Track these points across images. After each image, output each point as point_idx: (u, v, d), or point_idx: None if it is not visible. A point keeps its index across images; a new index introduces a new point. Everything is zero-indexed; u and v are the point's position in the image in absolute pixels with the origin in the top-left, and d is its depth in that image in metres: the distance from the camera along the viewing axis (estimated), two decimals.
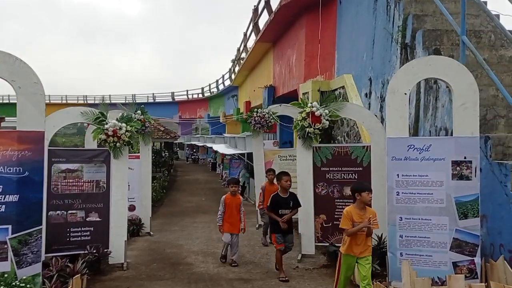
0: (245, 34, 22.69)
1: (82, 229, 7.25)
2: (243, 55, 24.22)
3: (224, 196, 7.71)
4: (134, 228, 10.29)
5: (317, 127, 7.20)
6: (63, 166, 7.25)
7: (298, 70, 13.77)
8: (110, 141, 7.17)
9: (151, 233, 10.45)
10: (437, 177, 5.16)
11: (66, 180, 7.25)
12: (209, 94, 47.35)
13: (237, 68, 27.98)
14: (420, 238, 5.24)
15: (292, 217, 6.90)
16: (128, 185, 10.69)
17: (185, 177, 29.89)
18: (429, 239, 5.20)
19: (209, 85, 47.06)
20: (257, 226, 10.86)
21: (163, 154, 24.96)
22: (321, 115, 7.19)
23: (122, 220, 7.41)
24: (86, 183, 7.35)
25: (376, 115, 8.74)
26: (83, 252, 7.04)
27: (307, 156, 7.51)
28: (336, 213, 7.46)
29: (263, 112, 10.52)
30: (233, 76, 31.42)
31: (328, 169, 7.55)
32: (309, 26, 12.52)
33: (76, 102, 56.48)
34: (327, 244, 7.48)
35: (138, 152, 10.90)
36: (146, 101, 58.54)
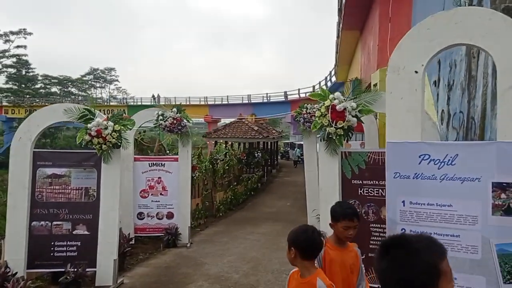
0: (338, 24, 20.54)
1: (68, 243, 6.40)
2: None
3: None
4: (170, 238, 9.34)
5: (339, 126, 5.33)
6: (49, 171, 6.46)
7: (373, 58, 11.49)
8: (95, 143, 6.19)
9: (188, 244, 9.37)
10: (468, 209, 3.03)
11: (52, 187, 6.46)
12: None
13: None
14: None
15: None
16: (166, 190, 9.90)
17: (285, 178, 28.82)
18: None
19: (319, 82, 45.27)
20: None
21: (256, 155, 24.02)
22: (345, 109, 5.32)
23: (112, 236, 6.36)
24: (74, 191, 6.47)
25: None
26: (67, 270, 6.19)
27: (332, 165, 5.61)
28: (371, 241, 5.50)
29: (314, 108, 8.74)
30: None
31: (361, 182, 5.57)
32: (383, 4, 10.21)
33: (198, 103, 58.80)
34: None
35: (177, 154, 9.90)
36: (261, 101, 58.73)
